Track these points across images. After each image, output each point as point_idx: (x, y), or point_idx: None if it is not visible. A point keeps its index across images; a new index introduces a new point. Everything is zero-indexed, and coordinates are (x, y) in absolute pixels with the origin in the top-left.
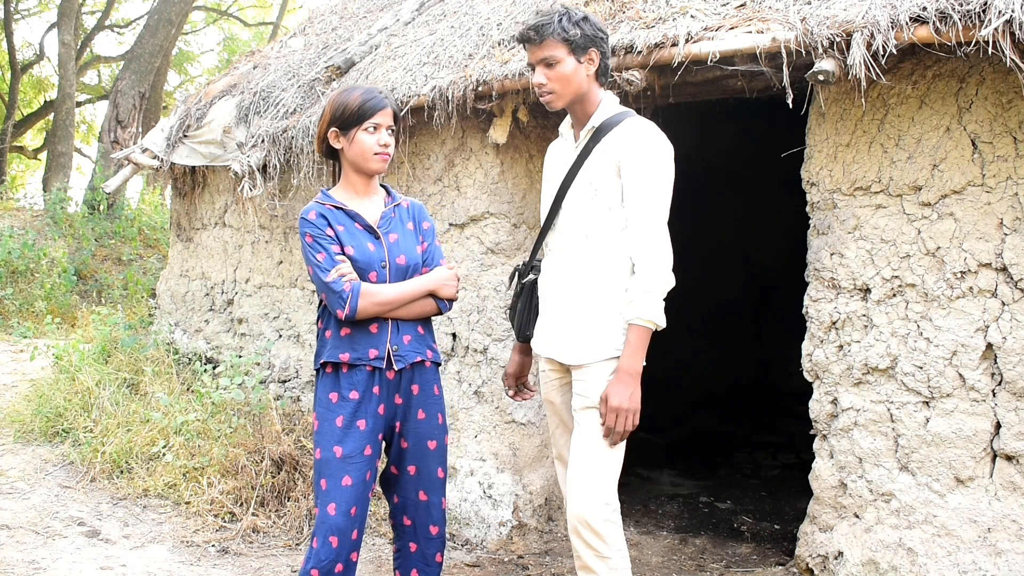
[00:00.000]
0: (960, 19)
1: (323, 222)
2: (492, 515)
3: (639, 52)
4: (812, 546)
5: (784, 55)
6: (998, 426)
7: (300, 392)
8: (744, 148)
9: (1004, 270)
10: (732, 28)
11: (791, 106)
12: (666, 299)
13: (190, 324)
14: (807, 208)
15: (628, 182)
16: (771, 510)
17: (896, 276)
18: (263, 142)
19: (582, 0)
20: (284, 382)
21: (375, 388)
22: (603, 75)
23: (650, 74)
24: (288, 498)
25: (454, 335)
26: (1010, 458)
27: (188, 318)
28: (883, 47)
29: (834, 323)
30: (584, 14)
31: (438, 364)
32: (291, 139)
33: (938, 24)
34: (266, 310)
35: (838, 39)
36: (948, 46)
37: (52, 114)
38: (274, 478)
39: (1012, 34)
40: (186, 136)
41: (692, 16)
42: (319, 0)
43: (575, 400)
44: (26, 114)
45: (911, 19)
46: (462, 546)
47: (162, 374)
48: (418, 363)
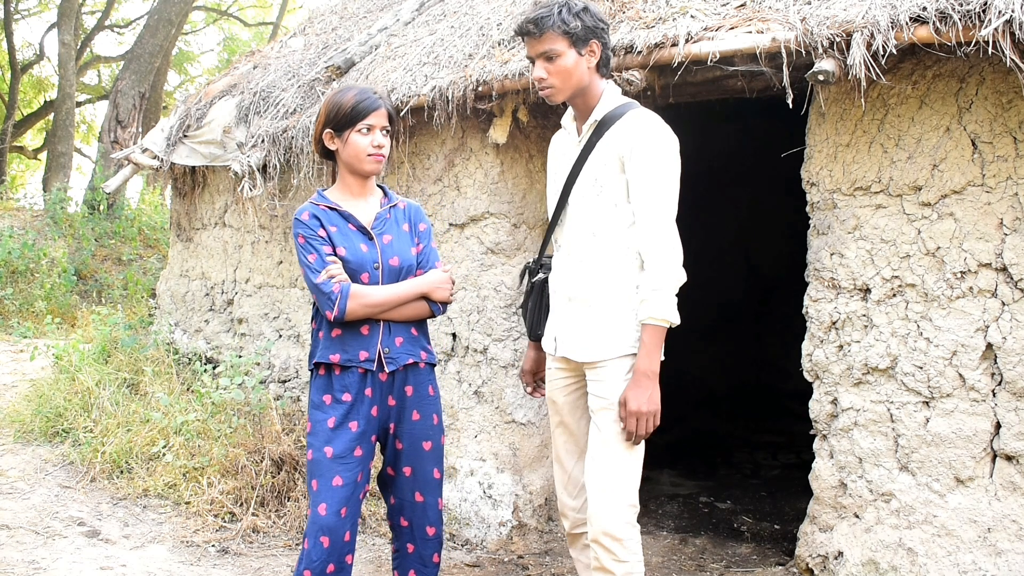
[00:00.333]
0: (960, 19)
1: (316, 223)
2: (492, 515)
3: (639, 52)
4: (812, 546)
5: (784, 55)
6: (998, 426)
7: (300, 392)
8: (744, 148)
9: (1004, 270)
10: (732, 28)
11: (791, 106)
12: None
13: (190, 324)
14: (807, 208)
15: (633, 177)
16: (771, 510)
17: (896, 276)
18: (263, 142)
19: None
20: (284, 382)
21: (367, 390)
22: (604, 66)
23: (650, 74)
24: (288, 498)
25: (454, 335)
26: (1010, 458)
27: (188, 318)
28: (883, 47)
29: (834, 323)
30: (584, 4)
31: (433, 365)
32: (291, 139)
33: (938, 24)
34: (266, 310)
35: (838, 39)
36: (948, 46)
37: (52, 114)
38: (274, 478)
39: (1012, 34)
40: (186, 136)
41: (692, 16)
42: (319, 0)
43: (592, 401)
44: (26, 114)
45: (911, 19)
46: (462, 546)
47: (162, 374)
48: (411, 365)
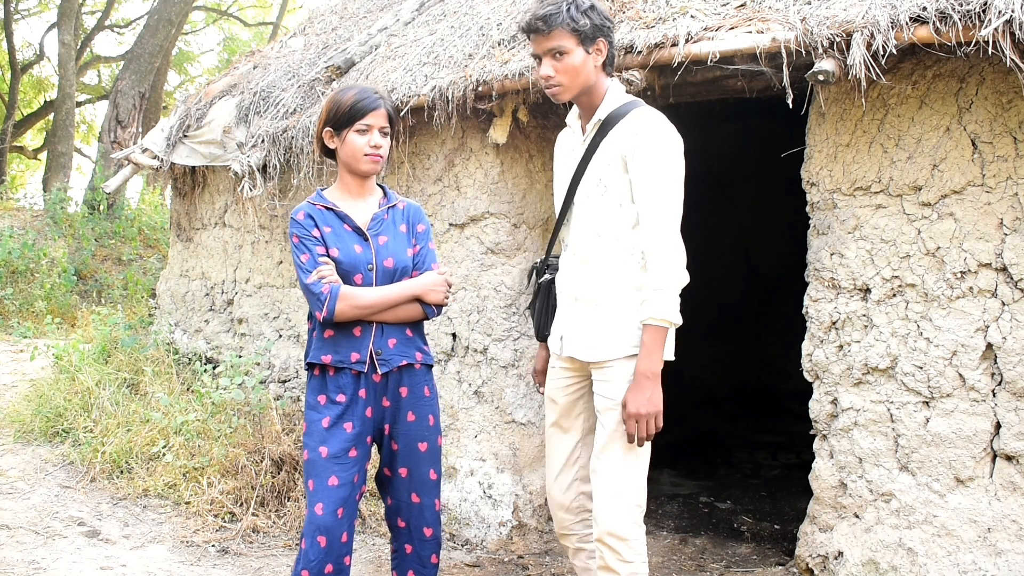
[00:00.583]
0: (960, 19)
1: (310, 223)
2: (492, 515)
3: (639, 52)
4: (812, 546)
5: (784, 55)
6: (998, 426)
7: (300, 392)
8: (744, 148)
9: (1004, 270)
10: (732, 28)
11: (791, 106)
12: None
13: (190, 324)
14: (807, 208)
15: (636, 177)
16: (771, 510)
17: (896, 276)
18: (263, 142)
19: None
20: (284, 382)
21: (361, 391)
22: (610, 65)
23: (650, 74)
24: (288, 498)
25: (454, 335)
26: (1010, 458)
27: (188, 318)
28: (883, 47)
29: (834, 323)
30: (591, 2)
31: (430, 366)
32: (291, 139)
33: (938, 24)
34: (266, 310)
35: (838, 39)
36: (948, 46)
37: (52, 114)
38: (274, 478)
39: (1012, 34)
40: (186, 136)
41: (692, 16)
42: (319, 0)
43: (598, 401)
44: (26, 114)
45: (911, 19)
46: (462, 546)
47: (162, 374)
48: (406, 366)
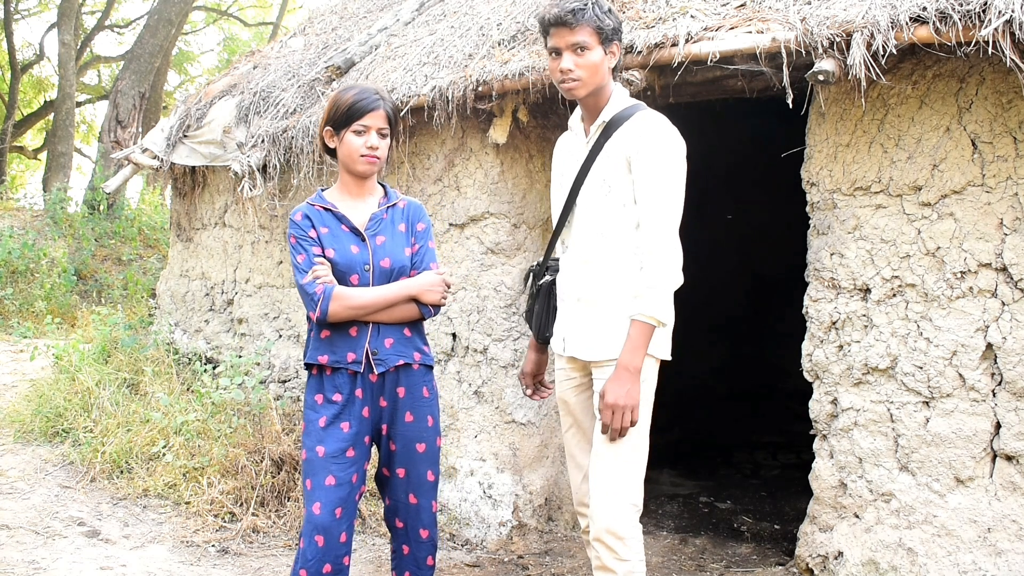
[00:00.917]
0: (960, 19)
1: (308, 223)
2: (492, 515)
3: (639, 52)
4: (812, 546)
5: (784, 55)
6: (998, 426)
7: (300, 392)
8: (744, 148)
9: (1004, 270)
10: (732, 28)
11: (791, 106)
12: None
13: (190, 324)
14: (807, 208)
15: (638, 178)
16: (771, 510)
17: (896, 276)
18: (263, 142)
19: None
20: (284, 382)
21: (358, 391)
22: (616, 70)
23: (650, 74)
24: (288, 498)
25: (454, 335)
26: (1010, 458)
27: (188, 318)
28: (883, 47)
29: (834, 323)
30: (608, 6)
31: (430, 367)
32: (291, 139)
33: (938, 24)
34: (266, 310)
35: (838, 39)
36: (948, 46)
37: (52, 114)
38: (274, 478)
39: (1012, 34)
40: (186, 136)
41: (692, 16)
42: (319, 0)
43: (597, 399)
44: (26, 114)
45: (911, 19)
46: (462, 546)
47: (162, 374)
48: (404, 366)
